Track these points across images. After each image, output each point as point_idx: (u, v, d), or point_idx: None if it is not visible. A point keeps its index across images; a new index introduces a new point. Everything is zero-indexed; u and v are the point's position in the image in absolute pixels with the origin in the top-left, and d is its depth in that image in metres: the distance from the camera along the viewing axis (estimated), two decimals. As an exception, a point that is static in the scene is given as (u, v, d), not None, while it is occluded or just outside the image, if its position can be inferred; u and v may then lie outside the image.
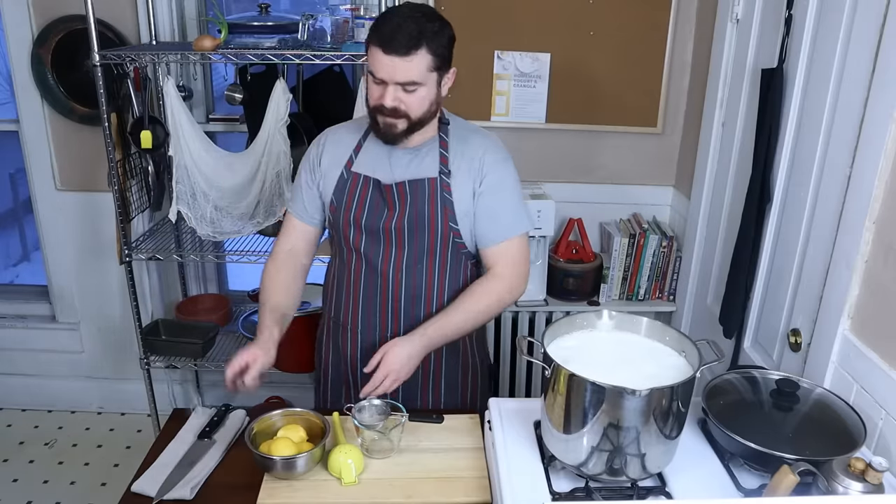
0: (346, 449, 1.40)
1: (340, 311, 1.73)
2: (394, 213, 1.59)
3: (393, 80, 1.46)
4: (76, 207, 2.85)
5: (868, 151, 1.44)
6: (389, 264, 1.63)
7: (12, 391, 3.11)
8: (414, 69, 1.44)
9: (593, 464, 1.22)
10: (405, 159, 1.61)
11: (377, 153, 1.63)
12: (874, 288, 1.43)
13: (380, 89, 1.49)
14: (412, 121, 1.51)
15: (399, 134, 1.53)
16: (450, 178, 1.59)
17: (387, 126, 1.52)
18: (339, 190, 1.63)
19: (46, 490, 2.68)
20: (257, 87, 2.39)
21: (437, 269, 1.65)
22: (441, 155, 1.60)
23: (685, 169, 2.63)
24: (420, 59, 1.44)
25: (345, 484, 1.37)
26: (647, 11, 2.55)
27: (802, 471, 1.12)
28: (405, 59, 1.43)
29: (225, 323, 2.79)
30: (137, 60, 2.30)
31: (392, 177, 1.60)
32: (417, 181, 1.58)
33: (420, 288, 1.65)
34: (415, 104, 1.49)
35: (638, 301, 2.69)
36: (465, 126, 1.68)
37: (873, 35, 1.44)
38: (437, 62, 1.47)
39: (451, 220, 1.59)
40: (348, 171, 1.63)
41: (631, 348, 1.34)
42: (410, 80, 1.45)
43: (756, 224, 1.89)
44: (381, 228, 1.60)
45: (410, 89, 1.47)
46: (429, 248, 1.62)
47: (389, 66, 1.44)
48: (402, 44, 1.42)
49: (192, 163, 2.27)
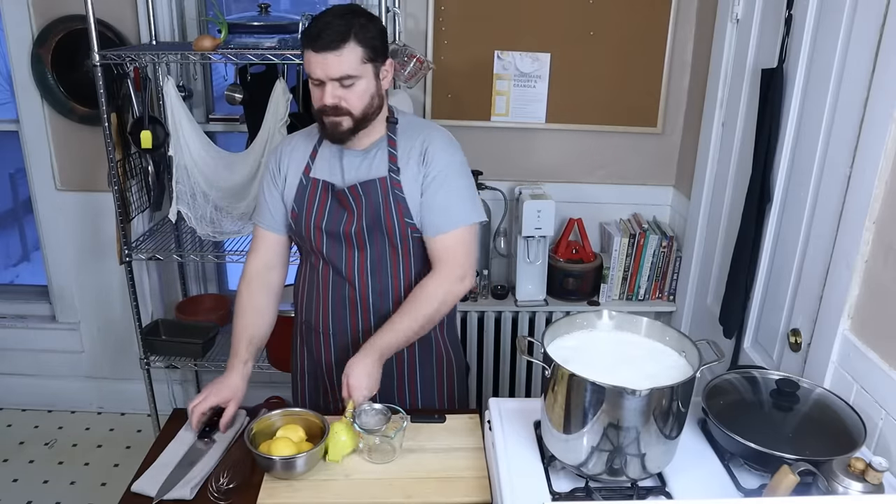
0: (339, 427, 1.41)
1: (312, 315, 1.74)
2: (352, 216, 1.60)
3: (328, 77, 1.47)
4: (76, 207, 2.85)
5: (868, 151, 1.44)
6: (353, 267, 1.65)
7: (12, 391, 3.11)
8: (345, 62, 1.47)
9: (593, 464, 1.22)
10: (356, 162, 1.62)
11: (331, 158, 1.64)
12: (874, 288, 1.43)
13: (319, 90, 1.51)
14: (356, 117, 1.52)
15: (345, 132, 1.54)
16: (399, 175, 1.60)
17: (332, 125, 1.53)
18: (300, 196, 1.64)
19: (46, 490, 2.68)
20: (257, 87, 2.39)
21: (402, 264, 1.66)
22: (390, 153, 1.61)
23: (685, 169, 2.63)
24: (350, 52, 1.47)
25: (328, 459, 1.39)
26: (647, 11, 2.55)
27: (802, 471, 1.12)
28: (335, 53, 1.46)
29: (225, 323, 2.78)
30: (137, 60, 2.30)
31: (344, 180, 1.62)
32: (369, 182, 1.59)
33: (386, 285, 1.66)
34: (355, 99, 1.51)
35: (638, 301, 2.69)
36: (413, 122, 1.68)
37: (873, 35, 1.44)
38: (370, 53, 1.50)
39: (405, 216, 1.60)
40: (307, 177, 1.64)
41: (631, 348, 1.34)
42: (344, 73, 1.47)
43: (756, 224, 1.89)
44: (341, 232, 1.61)
45: (347, 84, 1.49)
46: (390, 246, 1.63)
47: (322, 63, 1.46)
48: (331, 38, 1.45)
49: (192, 163, 2.27)
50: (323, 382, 1.79)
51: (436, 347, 1.76)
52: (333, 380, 1.75)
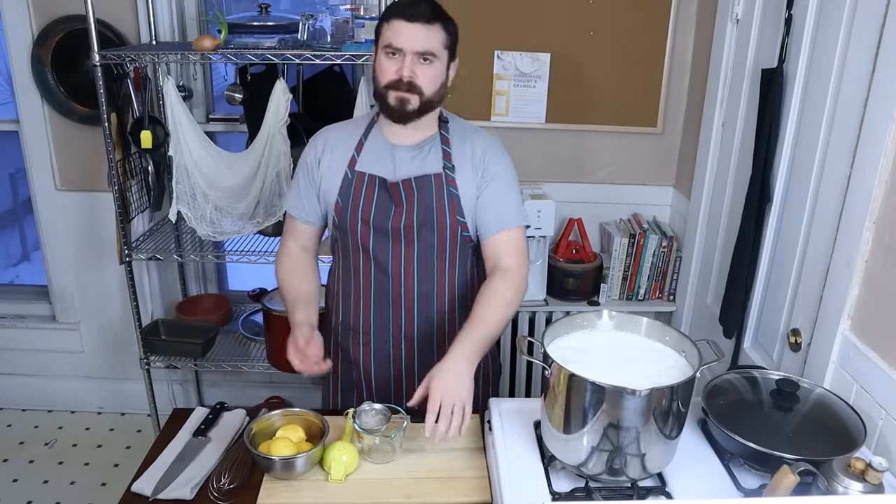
0: (342, 446, 1.40)
1: (350, 315, 1.73)
2: (401, 210, 1.59)
3: (413, 49, 1.48)
4: (76, 207, 2.85)
5: (868, 151, 1.44)
6: (400, 263, 1.63)
7: (12, 391, 3.11)
8: (434, 38, 1.50)
9: (593, 464, 1.22)
10: (408, 156, 1.61)
11: (380, 151, 1.63)
12: (874, 288, 1.43)
13: (395, 63, 1.50)
14: (424, 98, 1.53)
15: (411, 112, 1.53)
16: (454, 172, 1.60)
17: (399, 102, 1.52)
18: (345, 189, 1.62)
19: (46, 490, 2.68)
20: (257, 87, 2.39)
21: (447, 265, 1.65)
22: (444, 151, 1.61)
23: (685, 169, 2.63)
24: (438, 31, 1.50)
25: (331, 480, 1.37)
26: (647, 11, 2.55)
27: (802, 471, 1.12)
28: (427, 26, 1.48)
29: (225, 323, 2.79)
30: (137, 60, 2.30)
31: (396, 174, 1.61)
32: (423, 177, 1.59)
33: (431, 285, 1.65)
34: (428, 80, 1.52)
35: (638, 301, 2.69)
36: (465, 125, 1.69)
37: (873, 35, 1.44)
38: (450, 41, 1.53)
39: (458, 214, 1.60)
40: (352, 170, 1.63)
41: (631, 348, 1.35)
42: (429, 49, 1.49)
43: (756, 224, 1.89)
44: (389, 227, 1.60)
45: (427, 60, 1.50)
46: (438, 243, 1.62)
47: (412, 33, 1.48)
48: (425, 12, 1.48)
49: (192, 163, 2.27)
50: (358, 384, 1.77)
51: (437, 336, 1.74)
52: (371, 382, 1.74)
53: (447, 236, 1.61)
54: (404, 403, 1.60)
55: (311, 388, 3.05)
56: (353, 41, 2.16)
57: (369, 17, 2.12)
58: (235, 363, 2.61)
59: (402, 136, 1.61)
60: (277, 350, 2.50)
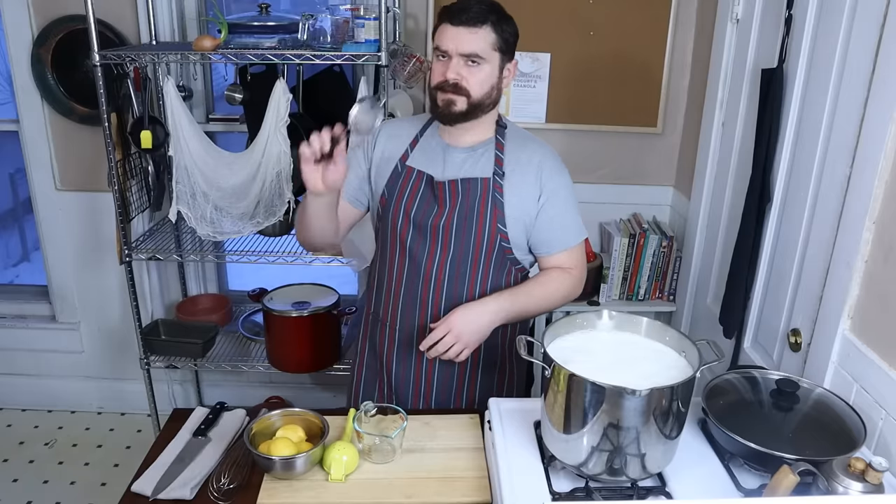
0: (342, 446, 1.40)
1: (380, 306, 1.73)
2: (443, 210, 1.59)
3: (457, 51, 1.49)
4: (76, 207, 2.85)
5: (868, 151, 1.44)
6: (434, 263, 1.63)
7: (12, 391, 3.11)
8: (478, 41, 1.49)
9: (593, 464, 1.22)
10: (460, 158, 1.61)
11: (433, 150, 1.64)
12: (874, 288, 1.43)
13: (443, 66, 1.52)
14: (472, 100, 1.52)
15: (458, 114, 1.53)
16: (503, 179, 1.59)
17: (446, 103, 1.53)
18: (392, 182, 1.63)
19: (46, 490, 2.68)
20: (257, 87, 2.39)
21: (481, 273, 1.64)
22: (496, 156, 1.60)
23: (685, 169, 2.63)
24: (485, 34, 1.50)
25: (331, 480, 1.37)
26: (647, 11, 2.55)
27: (802, 471, 1.12)
28: (471, 29, 1.48)
29: (225, 323, 2.79)
30: (137, 60, 2.30)
31: (444, 174, 1.61)
32: (470, 180, 1.58)
33: (462, 290, 1.64)
34: (476, 82, 1.51)
35: (638, 301, 2.69)
36: (523, 133, 1.68)
37: (873, 35, 1.44)
38: (501, 43, 1.52)
39: (499, 222, 1.59)
40: (402, 164, 1.64)
41: (631, 348, 1.34)
42: (473, 51, 1.49)
43: (756, 224, 1.89)
44: (429, 225, 1.60)
45: (473, 62, 1.50)
46: (474, 248, 1.61)
47: (455, 36, 1.49)
48: (470, 16, 1.48)
49: (192, 163, 2.27)
50: (380, 377, 1.78)
51: (500, 356, 1.75)
52: (392, 377, 1.74)
53: (484, 242, 1.61)
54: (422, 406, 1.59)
55: (312, 388, 3.06)
56: (353, 41, 2.16)
57: (369, 17, 2.12)
58: (235, 363, 2.61)
59: (457, 138, 1.61)
60: (277, 350, 2.50)
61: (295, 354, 2.48)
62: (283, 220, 2.35)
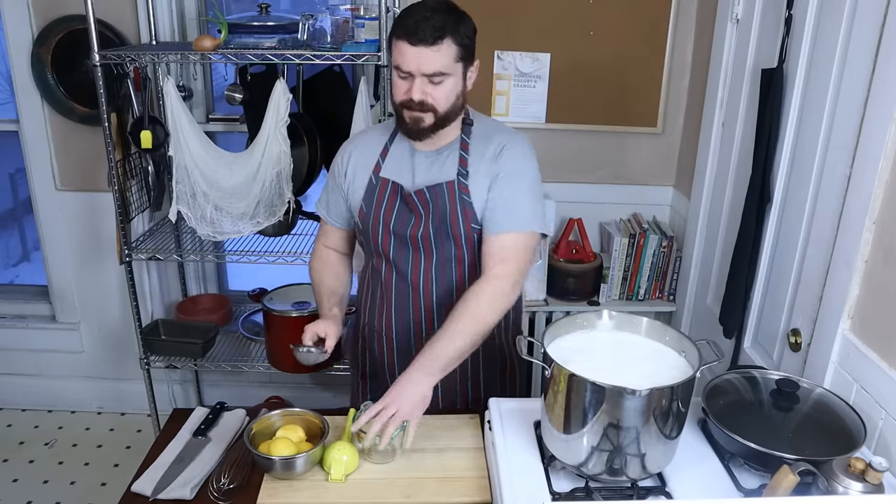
0: (342, 446, 1.40)
1: (374, 318, 1.72)
2: (420, 221, 1.58)
3: (420, 72, 1.45)
4: (76, 207, 2.85)
5: (868, 151, 1.44)
6: (419, 272, 1.63)
7: (12, 391, 3.11)
8: (440, 59, 1.44)
9: (593, 464, 1.22)
10: (426, 163, 1.59)
11: (401, 157, 1.61)
12: (874, 288, 1.43)
13: (406, 83, 1.48)
14: (439, 115, 1.50)
15: (426, 129, 1.51)
16: (467, 179, 1.57)
17: (413, 121, 1.50)
18: (369, 195, 1.62)
19: (46, 490, 2.68)
20: (257, 87, 2.39)
21: (466, 271, 1.64)
22: (461, 156, 1.58)
23: (685, 169, 2.63)
24: (446, 49, 1.44)
25: (331, 480, 1.37)
26: (647, 11, 2.55)
27: (802, 471, 1.12)
28: (432, 48, 1.43)
29: (225, 323, 2.79)
30: (137, 60, 2.30)
31: (413, 182, 1.59)
32: (436, 186, 1.56)
33: (451, 292, 1.64)
34: (441, 97, 1.48)
35: (638, 301, 2.69)
36: (493, 126, 1.64)
37: (873, 35, 1.44)
38: (462, 52, 1.48)
39: (472, 222, 1.58)
40: (376, 176, 1.62)
41: (631, 348, 1.34)
42: (437, 70, 1.45)
43: (756, 224, 1.89)
44: (408, 236, 1.59)
45: (437, 80, 1.46)
46: (456, 253, 1.61)
47: (417, 57, 1.43)
48: (428, 34, 1.42)
49: (192, 163, 2.27)
50: (385, 383, 1.73)
51: (499, 350, 1.74)
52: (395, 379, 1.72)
53: (464, 245, 1.60)
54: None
55: (312, 388, 3.05)
56: (353, 41, 2.16)
57: (369, 17, 2.12)
58: (235, 363, 2.61)
59: (425, 142, 1.58)
60: (277, 350, 2.50)
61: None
62: (283, 220, 2.35)
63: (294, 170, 2.29)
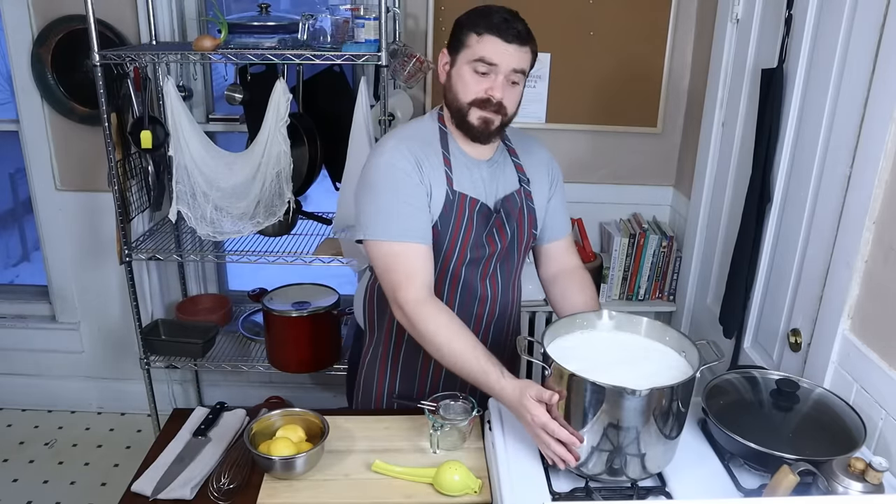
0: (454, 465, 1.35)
1: None
2: (504, 235, 1.54)
3: (509, 67, 1.41)
4: (76, 207, 2.85)
5: (868, 151, 1.44)
6: (487, 285, 1.58)
7: (12, 391, 3.11)
8: (527, 59, 1.45)
9: (593, 464, 1.22)
10: (488, 173, 1.53)
11: (466, 168, 1.51)
12: (874, 288, 1.43)
13: (485, 81, 1.42)
14: (506, 119, 1.47)
15: (493, 132, 1.46)
16: (529, 185, 1.58)
17: (484, 122, 1.44)
18: (446, 212, 1.47)
19: (46, 490, 2.68)
20: (257, 87, 2.39)
21: (515, 277, 1.65)
22: (515, 164, 1.58)
23: (685, 169, 2.63)
24: (528, 53, 1.45)
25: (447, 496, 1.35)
26: (647, 11, 2.55)
27: (802, 471, 1.12)
28: (522, 48, 1.42)
29: (225, 323, 2.79)
30: (137, 60, 2.30)
31: (486, 194, 1.52)
32: (509, 196, 1.54)
33: (507, 303, 1.65)
34: (513, 100, 1.46)
35: (638, 301, 2.69)
36: (515, 132, 1.64)
37: (873, 35, 1.44)
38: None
39: (533, 228, 1.59)
40: (452, 190, 1.48)
41: (631, 348, 1.35)
42: (523, 68, 1.44)
43: (756, 224, 1.89)
44: (485, 257, 1.53)
45: (516, 80, 1.45)
46: (518, 260, 1.61)
47: (507, 52, 1.40)
48: (520, 32, 1.42)
49: (192, 163, 2.27)
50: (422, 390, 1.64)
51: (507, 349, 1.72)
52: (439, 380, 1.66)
53: (523, 251, 1.61)
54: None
55: (312, 388, 3.06)
56: (353, 41, 2.16)
57: (369, 17, 2.12)
58: (235, 363, 2.61)
59: (480, 150, 1.52)
60: (277, 350, 2.50)
61: (295, 354, 2.48)
62: (283, 220, 2.35)
63: (294, 170, 2.29)
